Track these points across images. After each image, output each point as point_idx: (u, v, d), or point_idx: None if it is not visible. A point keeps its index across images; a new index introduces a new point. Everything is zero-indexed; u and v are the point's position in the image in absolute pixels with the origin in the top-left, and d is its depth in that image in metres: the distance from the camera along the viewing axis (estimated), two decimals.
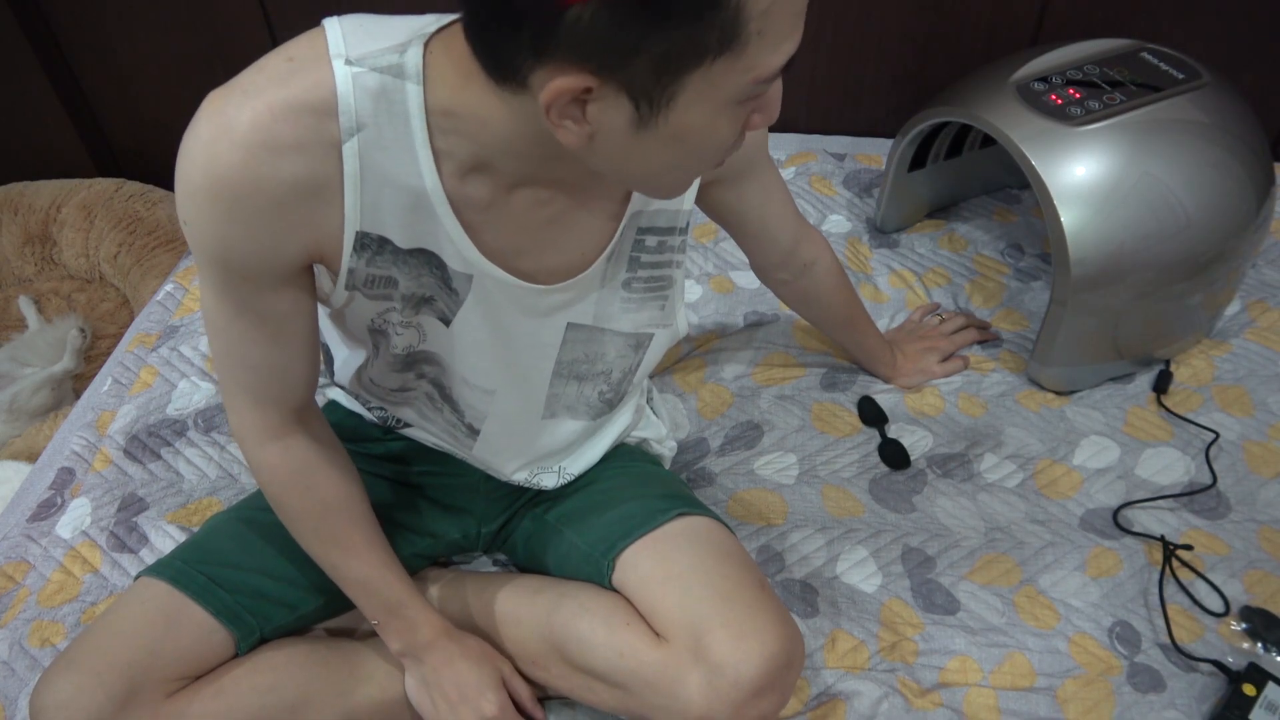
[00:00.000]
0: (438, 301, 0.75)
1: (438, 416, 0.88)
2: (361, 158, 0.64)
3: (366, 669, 0.89)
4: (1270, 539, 1.07)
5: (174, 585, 0.84)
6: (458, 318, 0.76)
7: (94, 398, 1.27)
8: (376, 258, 0.70)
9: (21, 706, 0.93)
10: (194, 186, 0.63)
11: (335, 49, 0.62)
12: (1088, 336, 1.17)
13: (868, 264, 1.44)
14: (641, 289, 0.84)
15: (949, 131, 1.40)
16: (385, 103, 0.62)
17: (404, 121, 0.63)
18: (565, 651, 0.85)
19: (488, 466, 0.93)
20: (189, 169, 0.63)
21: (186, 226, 0.65)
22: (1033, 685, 0.95)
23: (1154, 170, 1.09)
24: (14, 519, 1.12)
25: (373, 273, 0.71)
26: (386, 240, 0.69)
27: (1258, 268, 1.39)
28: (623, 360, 0.89)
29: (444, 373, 0.83)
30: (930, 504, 1.12)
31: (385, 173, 0.65)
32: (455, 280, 0.73)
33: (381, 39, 0.63)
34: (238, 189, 0.62)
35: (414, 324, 0.77)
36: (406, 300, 0.75)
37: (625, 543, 0.87)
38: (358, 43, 0.63)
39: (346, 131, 0.62)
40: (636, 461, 1.00)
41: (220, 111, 0.61)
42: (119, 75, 1.78)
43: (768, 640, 0.78)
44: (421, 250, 0.71)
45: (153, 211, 1.75)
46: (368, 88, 0.62)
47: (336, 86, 0.61)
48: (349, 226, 0.67)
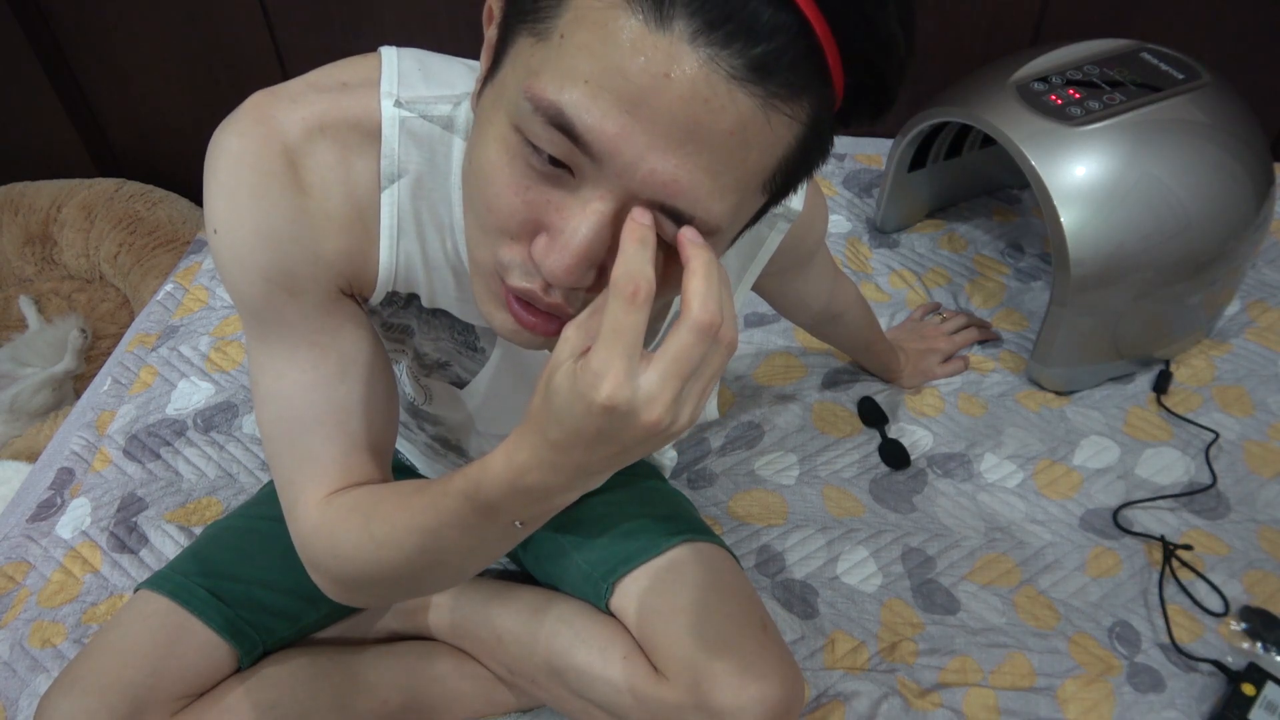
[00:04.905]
0: (453, 366, 0.73)
1: (442, 460, 0.87)
2: (400, 208, 0.60)
3: (366, 680, 0.88)
4: (1270, 539, 1.07)
5: (176, 601, 0.83)
6: (478, 377, 0.73)
7: (94, 398, 1.27)
8: (402, 311, 0.68)
9: (23, 707, 0.93)
10: (235, 184, 0.57)
11: (387, 85, 0.58)
12: (1088, 336, 1.17)
13: (868, 264, 1.44)
14: None
15: (949, 131, 1.40)
16: (430, 154, 0.59)
17: (445, 175, 0.59)
18: (564, 679, 0.84)
19: None
20: (227, 166, 0.57)
21: (216, 237, 0.58)
22: (1033, 685, 0.95)
23: (1154, 170, 1.09)
24: (14, 519, 1.12)
25: (393, 321, 0.69)
26: (414, 297, 0.66)
27: (1258, 268, 1.39)
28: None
29: (448, 430, 0.81)
30: (930, 504, 1.12)
31: (423, 225, 0.61)
32: (483, 339, 0.70)
33: (437, 85, 0.59)
34: (284, 187, 0.57)
35: (423, 385, 0.75)
36: (420, 358, 0.72)
37: (626, 568, 0.86)
38: (412, 84, 0.59)
39: (387, 177, 0.59)
40: (641, 474, 0.99)
41: (267, 113, 0.57)
42: (119, 75, 1.78)
43: (769, 687, 0.77)
44: (445, 313, 0.67)
45: (153, 211, 1.75)
46: (414, 134, 0.58)
47: (383, 126, 0.58)
48: (382, 284, 0.63)
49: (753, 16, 0.40)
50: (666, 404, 0.44)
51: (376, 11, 1.64)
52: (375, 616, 0.94)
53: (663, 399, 0.44)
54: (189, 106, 1.80)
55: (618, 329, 0.43)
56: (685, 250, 0.45)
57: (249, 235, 0.57)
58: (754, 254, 0.76)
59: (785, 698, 0.78)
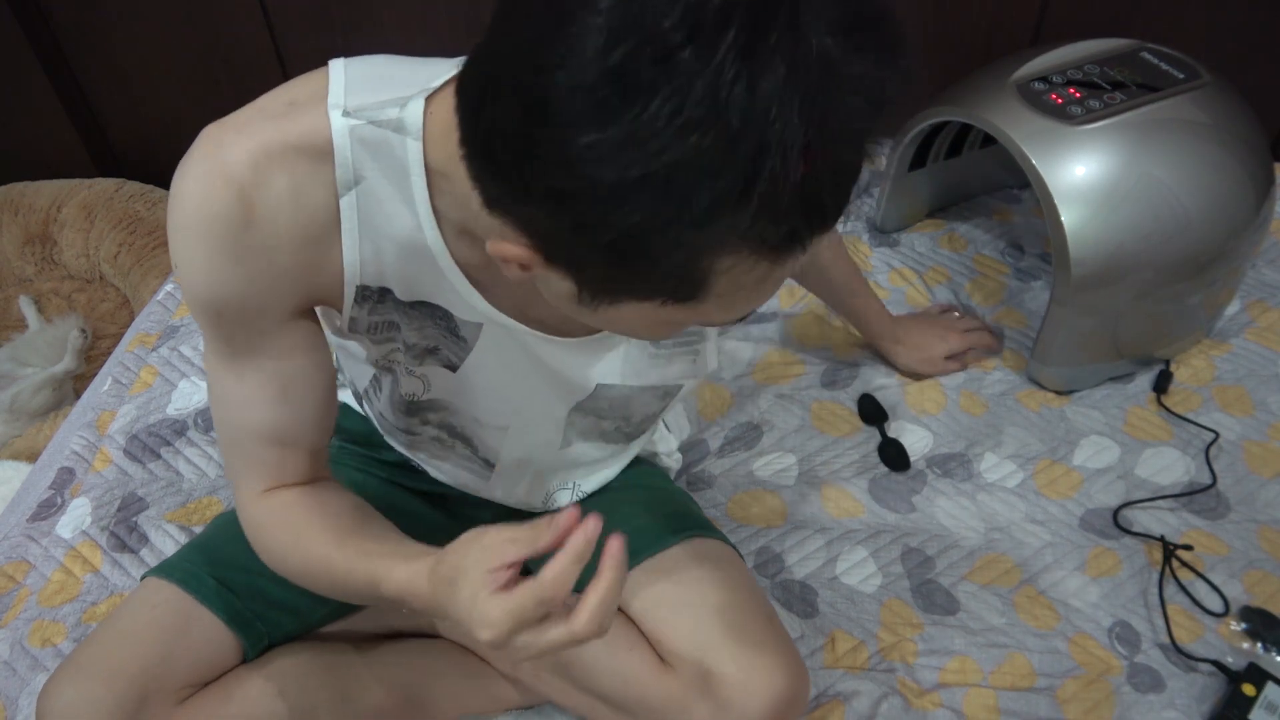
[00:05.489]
0: (443, 350, 0.73)
1: (450, 454, 0.87)
2: (360, 211, 0.61)
3: (370, 674, 0.89)
4: (1270, 539, 1.07)
5: (184, 588, 0.82)
6: (466, 363, 0.74)
7: (94, 398, 1.27)
8: (379, 306, 0.68)
9: (23, 706, 0.93)
10: (185, 225, 0.60)
11: (334, 98, 0.59)
12: (1088, 336, 1.17)
13: (868, 262, 1.44)
14: (671, 345, 0.82)
15: (949, 131, 1.40)
16: (385, 157, 0.60)
17: (403, 177, 0.60)
18: (569, 671, 0.85)
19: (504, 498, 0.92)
20: (180, 208, 0.60)
21: (178, 271, 0.62)
22: (1033, 685, 0.95)
23: (1154, 170, 1.09)
24: (14, 519, 1.12)
25: (375, 320, 0.69)
26: (388, 291, 0.67)
27: (1258, 268, 1.39)
28: (646, 408, 0.87)
29: (452, 414, 0.81)
30: (930, 504, 1.12)
31: (385, 227, 0.63)
32: (464, 329, 0.71)
33: (384, 90, 0.60)
34: (230, 227, 0.59)
35: (419, 375, 0.76)
36: (410, 348, 0.73)
37: (632, 562, 0.85)
38: (359, 92, 0.60)
39: (344, 185, 0.60)
40: (646, 476, 0.99)
41: (214, 149, 0.59)
42: (119, 75, 1.78)
43: (775, 678, 0.78)
44: (424, 303, 0.68)
45: (153, 211, 1.75)
46: (364, 140, 0.59)
47: (333, 138, 0.59)
48: (349, 281, 0.65)
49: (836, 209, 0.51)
50: (500, 637, 0.56)
51: (376, 11, 1.64)
52: (379, 613, 0.94)
53: (498, 631, 0.56)
54: (189, 106, 1.80)
55: (522, 608, 0.55)
56: (604, 562, 0.56)
57: (200, 276, 0.62)
58: None
59: (791, 689, 0.79)
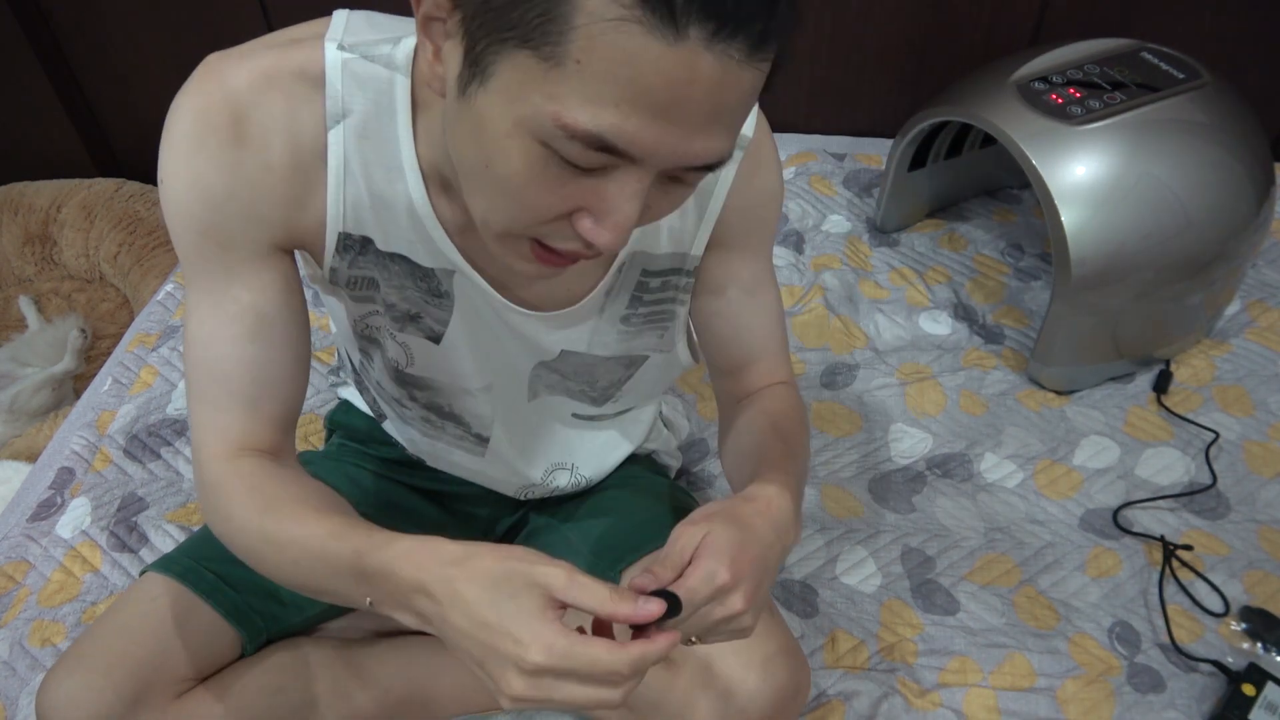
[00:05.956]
0: (425, 319, 0.73)
1: (442, 434, 0.87)
2: (346, 147, 0.63)
3: (369, 669, 0.89)
4: (1270, 539, 1.07)
5: (183, 583, 0.82)
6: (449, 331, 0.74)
7: (94, 397, 1.27)
8: (359, 258, 0.69)
9: (23, 706, 0.93)
10: (180, 138, 0.61)
11: (333, 34, 0.62)
12: (1088, 336, 1.17)
13: (868, 261, 1.44)
14: (640, 322, 0.82)
15: (949, 131, 1.40)
16: (373, 92, 0.62)
17: (390, 114, 0.62)
18: None
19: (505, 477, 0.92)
20: (176, 122, 0.62)
21: (163, 187, 0.63)
22: (1033, 685, 0.95)
23: (1154, 170, 1.09)
24: (14, 519, 1.12)
25: (355, 274, 0.70)
26: (369, 241, 0.68)
27: (1258, 268, 1.39)
28: (611, 374, 0.87)
29: (437, 394, 0.81)
30: (930, 504, 1.12)
31: (369, 165, 0.64)
32: (444, 282, 0.71)
33: (382, 31, 0.63)
34: (223, 142, 0.61)
35: (400, 343, 0.76)
36: (391, 309, 0.73)
37: (634, 556, 0.86)
38: (357, 31, 0.62)
39: (332, 116, 0.62)
40: (646, 475, 1.00)
41: (216, 69, 0.61)
42: (119, 75, 1.78)
43: (777, 670, 0.78)
44: (403, 257, 0.69)
45: (153, 211, 1.75)
46: (356, 74, 0.61)
47: (326, 69, 0.61)
48: (331, 226, 0.66)
49: (748, 5, 0.45)
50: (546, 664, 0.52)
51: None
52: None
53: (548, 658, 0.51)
54: None
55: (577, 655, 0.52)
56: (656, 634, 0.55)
57: (186, 189, 0.62)
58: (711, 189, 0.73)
59: (793, 681, 0.79)
